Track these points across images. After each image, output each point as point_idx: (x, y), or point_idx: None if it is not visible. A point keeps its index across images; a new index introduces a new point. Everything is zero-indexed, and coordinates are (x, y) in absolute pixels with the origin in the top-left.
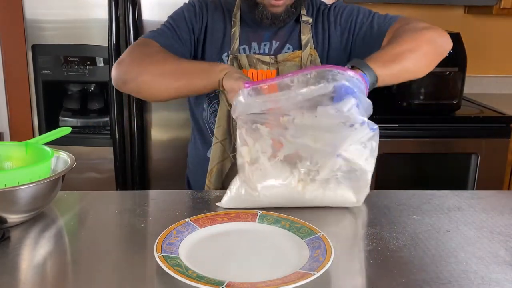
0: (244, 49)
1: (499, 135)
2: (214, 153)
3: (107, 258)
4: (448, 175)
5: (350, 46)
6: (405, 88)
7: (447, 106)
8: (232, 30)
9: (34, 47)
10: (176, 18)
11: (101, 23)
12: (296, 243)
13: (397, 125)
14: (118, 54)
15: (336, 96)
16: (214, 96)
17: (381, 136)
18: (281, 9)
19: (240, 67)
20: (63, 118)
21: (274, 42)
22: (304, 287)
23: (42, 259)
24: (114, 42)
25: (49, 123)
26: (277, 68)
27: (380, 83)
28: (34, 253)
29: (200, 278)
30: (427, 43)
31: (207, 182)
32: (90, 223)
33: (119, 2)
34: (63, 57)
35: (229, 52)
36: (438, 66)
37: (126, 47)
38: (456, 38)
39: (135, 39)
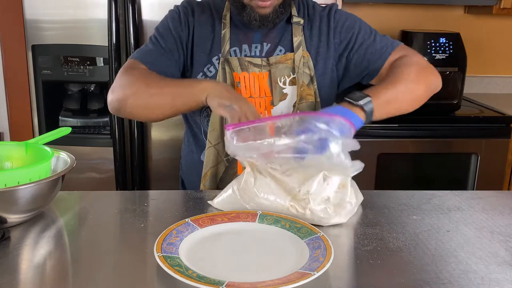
0: (235, 51)
1: (499, 135)
2: (208, 157)
3: (107, 258)
4: (448, 175)
5: (345, 59)
6: None
7: (447, 106)
8: (222, 32)
9: (34, 47)
10: (162, 30)
11: (101, 23)
12: (296, 243)
13: (397, 125)
14: (118, 54)
15: (320, 146)
16: None
17: (381, 136)
18: (269, 10)
19: (232, 70)
20: (63, 118)
21: (265, 44)
22: (304, 287)
23: (42, 259)
24: (114, 42)
25: (49, 123)
26: (269, 71)
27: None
28: (34, 253)
29: (200, 278)
30: (424, 87)
31: (201, 186)
32: (90, 223)
33: (119, 2)
34: (63, 57)
35: (220, 54)
36: (438, 66)
37: (126, 47)
38: (456, 38)
39: (135, 39)
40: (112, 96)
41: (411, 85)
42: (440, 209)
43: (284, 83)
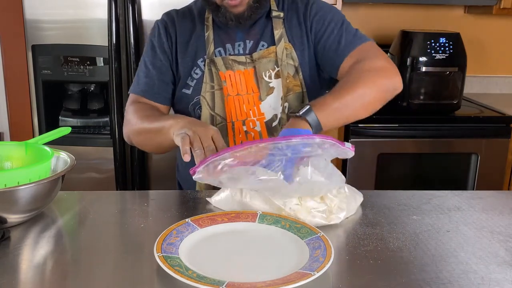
0: (219, 51)
1: (499, 135)
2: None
3: (107, 258)
4: (448, 175)
5: (312, 46)
6: (405, 88)
7: (447, 106)
8: (206, 34)
9: (34, 47)
10: (148, 51)
11: (101, 23)
12: (296, 243)
13: (397, 125)
14: (118, 54)
15: (287, 175)
16: (196, 102)
17: (381, 136)
18: (242, 8)
19: (217, 69)
20: (63, 118)
21: (247, 41)
22: (304, 287)
23: (42, 259)
24: (114, 42)
25: (49, 123)
26: (254, 67)
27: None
28: (34, 253)
29: (200, 278)
30: (375, 92)
31: (197, 187)
32: (90, 223)
33: (119, 2)
34: (63, 57)
35: (205, 56)
36: (438, 66)
37: (126, 47)
38: (456, 38)
39: (135, 39)
40: (123, 132)
41: (360, 91)
42: (440, 209)
43: (270, 77)
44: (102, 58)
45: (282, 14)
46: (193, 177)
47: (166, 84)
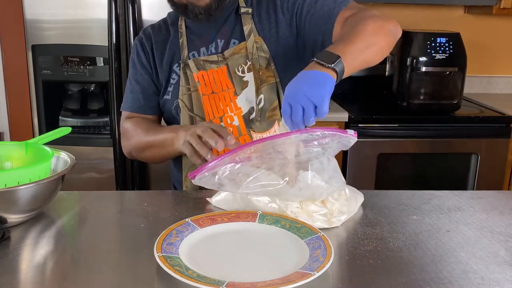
0: (193, 55)
1: (499, 135)
2: (186, 158)
3: (107, 258)
4: (448, 175)
5: (297, 30)
6: (405, 88)
7: (447, 106)
8: (180, 40)
9: (34, 47)
10: (131, 67)
11: (101, 23)
12: (296, 243)
13: (397, 125)
14: (118, 54)
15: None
16: (176, 105)
17: (381, 136)
18: (207, 0)
19: (191, 72)
20: (63, 118)
21: (219, 40)
22: (304, 287)
23: (42, 259)
24: (114, 42)
25: (49, 123)
26: (227, 64)
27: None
28: (34, 253)
29: (200, 278)
30: (385, 37)
31: (184, 187)
32: (90, 223)
33: (119, 2)
34: (63, 57)
35: (180, 61)
36: (438, 66)
37: (126, 47)
38: (456, 38)
39: (135, 39)
40: (123, 148)
41: (372, 38)
42: (440, 209)
43: (243, 72)
44: (102, 58)
45: (250, 10)
46: (193, 181)
47: (150, 96)
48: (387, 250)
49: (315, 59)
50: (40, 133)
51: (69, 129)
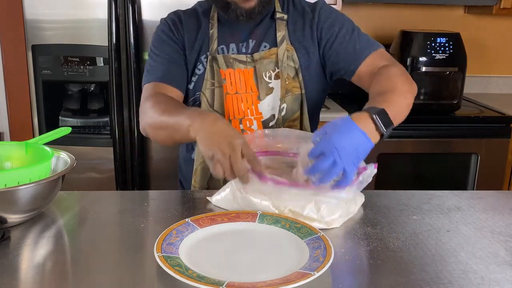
0: (222, 49)
1: (499, 135)
2: (197, 153)
3: (107, 258)
4: (448, 175)
5: (323, 54)
6: None
7: (447, 106)
8: (210, 31)
9: (34, 47)
10: (157, 44)
11: (101, 23)
12: (296, 243)
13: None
14: (118, 54)
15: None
16: (196, 98)
17: None
18: (254, 3)
19: (218, 67)
20: (63, 118)
21: (250, 41)
22: (304, 287)
23: (42, 259)
24: (114, 42)
25: (49, 123)
26: (254, 67)
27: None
28: (34, 253)
29: (200, 278)
30: (412, 98)
31: (192, 182)
32: (90, 223)
33: (119, 2)
34: (63, 57)
35: (208, 53)
36: (438, 66)
37: (126, 47)
38: (456, 38)
39: (135, 39)
40: (140, 124)
41: (407, 99)
42: (440, 209)
43: (270, 78)
44: (102, 58)
45: (285, 16)
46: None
47: (182, 69)
48: (387, 250)
49: (374, 115)
50: (40, 133)
51: (69, 129)
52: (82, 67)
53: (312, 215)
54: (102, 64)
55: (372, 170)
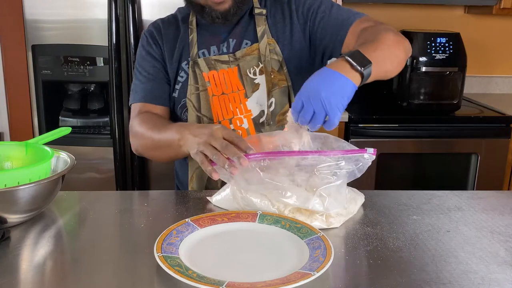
0: (203, 53)
1: (499, 135)
2: (192, 161)
3: (107, 258)
4: (448, 175)
5: (310, 36)
6: (405, 88)
7: (447, 106)
8: (190, 37)
9: (34, 47)
10: (139, 59)
11: (101, 23)
12: (296, 243)
13: (397, 125)
14: (118, 54)
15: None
16: (183, 104)
17: (381, 136)
18: (228, 5)
19: (200, 71)
20: (63, 118)
21: (231, 40)
22: (304, 287)
23: (42, 259)
24: (114, 42)
25: (49, 123)
26: (238, 65)
27: (364, 82)
28: (34, 253)
29: (200, 278)
30: (403, 52)
31: (189, 188)
32: (90, 223)
33: (119, 2)
34: (63, 57)
35: (189, 58)
36: (438, 66)
37: (126, 47)
38: (456, 38)
39: (135, 39)
40: (132, 145)
41: (393, 50)
42: (440, 209)
43: (254, 73)
44: (102, 58)
45: (264, 11)
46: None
47: (163, 86)
48: (387, 250)
49: (346, 56)
50: (40, 133)
51: (69, 129)
52: (82, 67)
53: (318, 207)
54: (102, 64)
55: (371, 155)
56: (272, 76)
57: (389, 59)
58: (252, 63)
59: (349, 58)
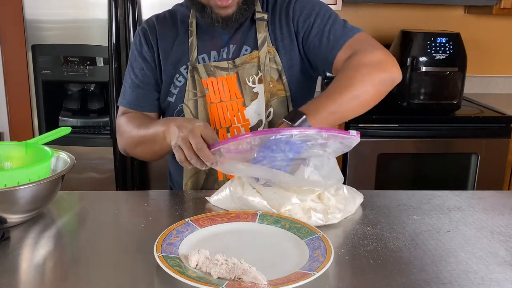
0: (203, 58)
1: (499, 135)
2: (185, 169)
3: (107, 258)
4: (448, 175)
5: (301, 47)
6: (405, 88)
7: (447, 106)
8: (190, 40)
9: (34, 47)
10: (131, 59)
11: (101, 23)
12: (296, 243)
13: (397, 125)
14: (118, 54)
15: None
16: (180, 110)
17: (381, 136)
18: (232, 10)
19: (200, 77)
20: (63, 118)
21: (231, 45)
22: (304, 287)
23: (42, 259)
24: (114, 42)
25: (49, 123)
26: (237, 72)
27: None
28: (34, 253)
29: (200, 278)
30: (373, 90)
31: (183, 187)
32: (90, 223)
33: (119, 2)
34: (63, 57)
35: (188, 63)
36: (438, 66)
37: (126, 47)
38: (456, 38)
39: None
40: (119, 145)
41: (357, 90)
42: (440, 209)
43: (253, 82)
44: (102, 58)
45: (266, 16)
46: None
47: (150, 92)
48: (387, 250)
49: (283, 118)
50: (40, 133)
51: (69, 129)
52: (82, 67)
53: (314, 176)
54: (102, 64)
55: (356, 137)
56: (271, 86)
57: (347, 104)
58: (251, 71)
59: (284, 119)
